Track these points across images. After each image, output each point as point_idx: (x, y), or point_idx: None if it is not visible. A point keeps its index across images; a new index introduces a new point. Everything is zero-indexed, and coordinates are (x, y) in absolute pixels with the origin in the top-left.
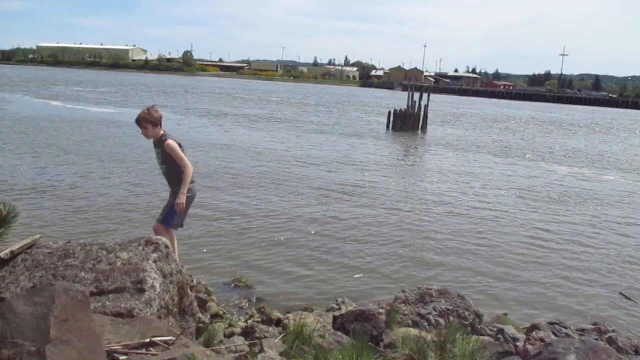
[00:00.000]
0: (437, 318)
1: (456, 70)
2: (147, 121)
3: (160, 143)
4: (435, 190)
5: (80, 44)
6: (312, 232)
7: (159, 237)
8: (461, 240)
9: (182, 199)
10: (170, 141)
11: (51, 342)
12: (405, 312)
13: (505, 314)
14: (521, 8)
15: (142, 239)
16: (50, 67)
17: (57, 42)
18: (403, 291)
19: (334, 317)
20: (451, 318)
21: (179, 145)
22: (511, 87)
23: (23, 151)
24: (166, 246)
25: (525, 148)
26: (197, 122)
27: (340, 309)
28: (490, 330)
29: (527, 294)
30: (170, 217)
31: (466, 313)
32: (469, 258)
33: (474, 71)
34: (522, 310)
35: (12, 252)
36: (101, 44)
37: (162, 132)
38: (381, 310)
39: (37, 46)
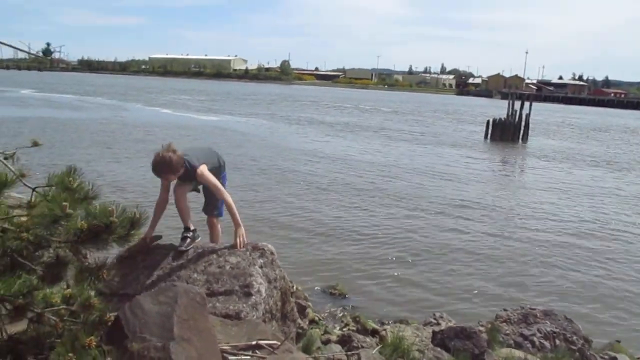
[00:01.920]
0: (542, 340)
1: (561, 78)
2: (169, 172)
3: (190, 175)
4: (538, 207)
5: (187, 55)
6: (407, 244)
7: (265, 243)
8: (565, 261)
9: (243, 231)
10: (202, 170)
11: (175, 339)
12: (507, 332)
13: (618, 342)
14: (635, 8)
15: (249, 244)
16: (160, 77)
17: (167, 54)
18: (505, 310)
19: (434, 333)
20: (557, 342)
21: (219, 164)
22: (623, 96)
23: (144, 157)
24: (271, 252)
25: (638, 162)
26: (290, 130)
27: (439, 324)
28: (602, 358)
29: None
30: (222, 209)
31: (574, 337)
32: (575, 280)
33: (580, 78)
34: (636, 338)
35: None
36: (205, 55)
37: (183, 167)
38: (481, 329)
39: (149, 58)
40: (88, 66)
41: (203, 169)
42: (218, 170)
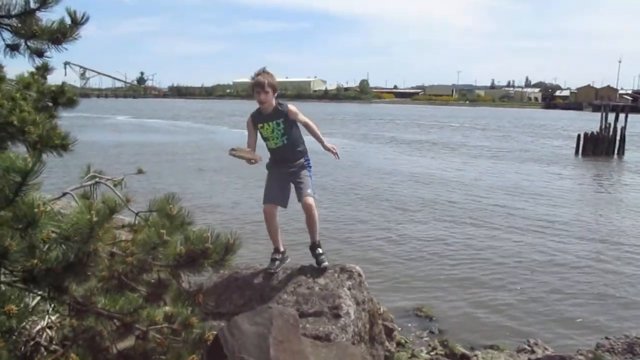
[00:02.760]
0: None
1: None
2: (272, 85)
3: (280, 112)
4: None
5: None
6: (496, 266)
7: (352, 265)
8: None
9: (330, 144)
10: (292, 107)
11: None
12: None
13: None
14: None
15: (337, 266)
16: (243, 100)
17: (250, 78)
18: (607, 338)
19: None
20: None
21: None
22: None
23: (233, 179)
24: (359, 274)
25: None
26: (370, 148)
27: (534, 351)
28: None
29: None
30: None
31: None
32: None
33: None
34: None
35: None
36: (286, 78)
37: (277, 92)
38: (580, 358)
39: (233, 82)
40: (177, 92)
41: (293, 107)
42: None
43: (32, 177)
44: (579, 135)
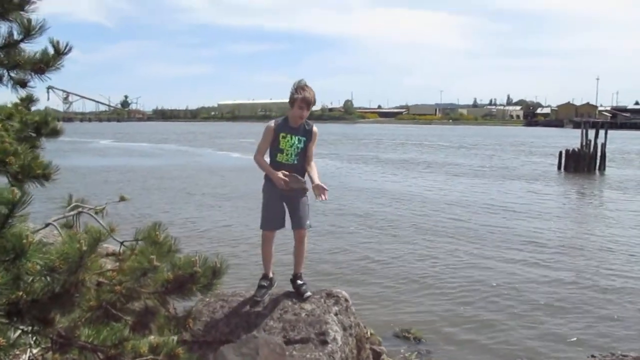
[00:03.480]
0: None
1: (637, 103)
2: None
3: (307, 130)
4: (626, 245)
5: (253, 100)
6: (484, 286)
7: (339, 290)
8: None
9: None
10: (316, 128)
11: None
12: None
13: None
14: None
15: (324, 291)
16: (228, 122)
17: (234, 100)
18: (593, 356)
19: None
20: None
21: None
22: None
23: (222, 203)
24: (346, 299)
25: None
26: (355, 168)
27: None
28: None
29: None
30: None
31: None
32: None
33: None
34: None
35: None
36: (271, 99)
37: (309, 111)
38: None
39: (218, 104)
40: (162, 115)
41: (317, 130)
42: None
43: (20, 209)
44: (560, 152)
